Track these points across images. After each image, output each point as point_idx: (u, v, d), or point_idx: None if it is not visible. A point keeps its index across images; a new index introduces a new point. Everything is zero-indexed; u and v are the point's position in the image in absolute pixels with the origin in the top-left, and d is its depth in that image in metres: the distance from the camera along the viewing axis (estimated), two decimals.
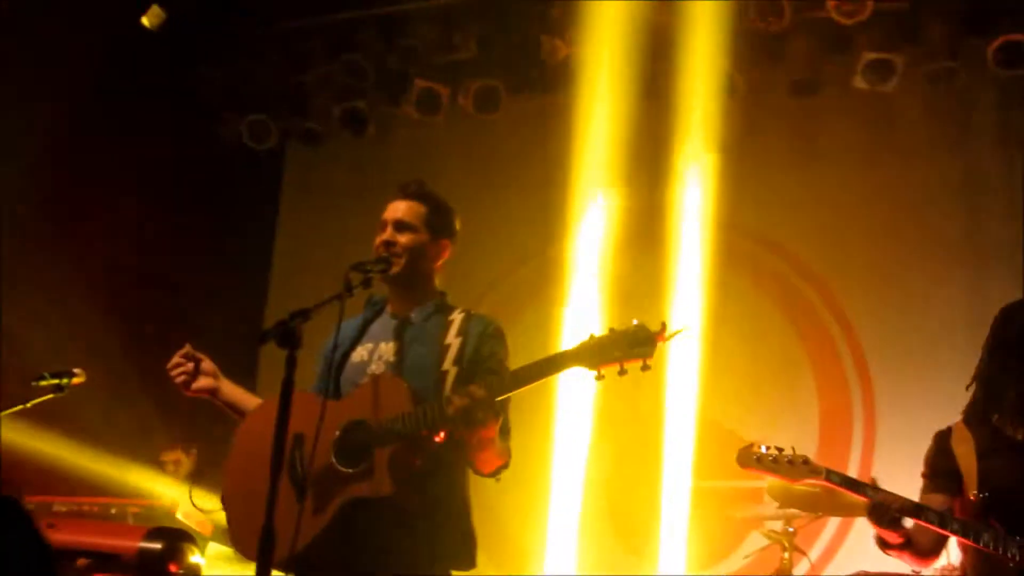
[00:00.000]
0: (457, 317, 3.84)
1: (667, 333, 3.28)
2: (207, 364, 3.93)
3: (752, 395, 7.66)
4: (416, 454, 3.49)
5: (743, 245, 8.20)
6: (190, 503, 6.71)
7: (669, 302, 7.88)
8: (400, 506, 3.46)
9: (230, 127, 8.89)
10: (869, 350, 7.73)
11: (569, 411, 7.85)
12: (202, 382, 3.90)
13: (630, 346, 3.25)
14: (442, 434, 3.46)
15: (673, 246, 8.08)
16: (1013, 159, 7.72)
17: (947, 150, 7.90)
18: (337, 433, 3.53)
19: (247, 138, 8.87)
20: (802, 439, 4.20)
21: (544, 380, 3.46)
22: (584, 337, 3.37)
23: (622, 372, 3.28)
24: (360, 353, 3.86)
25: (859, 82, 7.73)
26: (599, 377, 3.32)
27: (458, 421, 3.39)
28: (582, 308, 7.92)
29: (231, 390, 3.95)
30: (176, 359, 3.91)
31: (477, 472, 3.71)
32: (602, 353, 3.29)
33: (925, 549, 4.05)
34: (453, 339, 3.77)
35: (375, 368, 3.77)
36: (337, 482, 3.49)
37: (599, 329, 3.37)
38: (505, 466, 3.69)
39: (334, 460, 3.51)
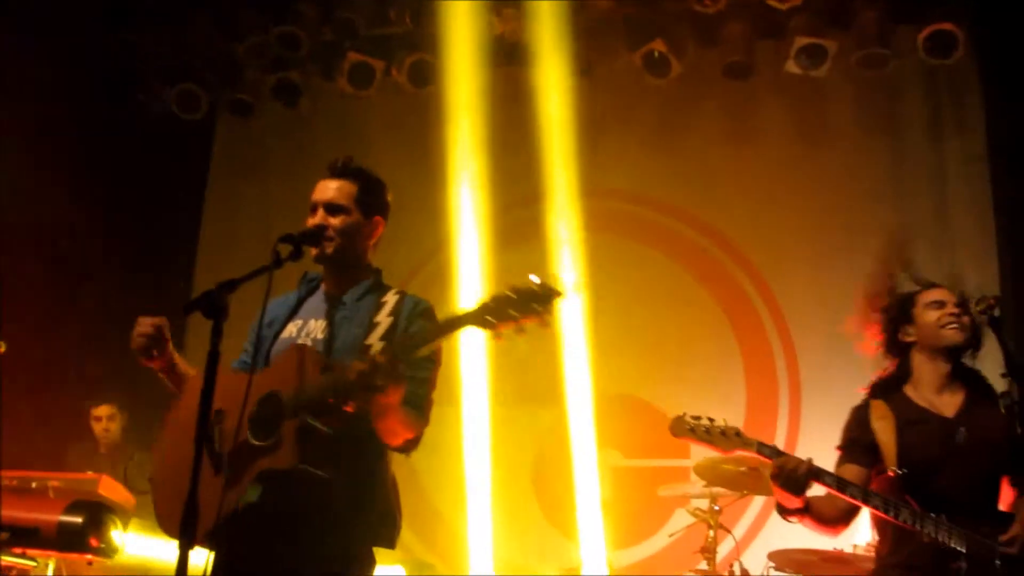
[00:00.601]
0: (391, 298, 3.79)
1: (565, 289, 3.17)
2: (169, 350, 3.76)
3: (680, 376, 7.75)
4: (325, 424, 3.42)
5: (673, 225, 8.29)
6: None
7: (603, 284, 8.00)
8: (313, 479, 3.40)
9: (159, 96, 8.74)
10: (795, 330, 7.82)
11: (479, 388, 7.89)
12: (155, 363, 3.74)
13: (527, 303, 3.12)
14: (351, 404, 3.40)
15: (609, 225, 8.24)
16: (939, 144, 7.86)
17: (876, 135, 8.01)
18: (255, 406, 3.49)
19: (176, 107, 8.72)
20: (729, 419, 4.10)
21: (446, 339, 3.40)
22: (482, 297, 3.26)
23: (520, 331, 3.16)
24: (290, 329, 3.81)
25: (792, 66, 7.82)
26: (497, 336, 3.20)
27: (358, 386, 3.32)
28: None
29: (183, 374, 3.83)
30: (147, 324, 3.69)
31: (386, 445, 3.66)
32: (499, 311, 3.17)
33: (828, 517, 4.11)
34: (384, 318, 3.73)
35: (301, 344, 3.71)
36: (250, 456, 3.47)
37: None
38: (415, 440, 3.63)
39: (249, 434, 3.48)
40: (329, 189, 3.85)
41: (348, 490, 3.52)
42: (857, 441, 4.19)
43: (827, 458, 4.23)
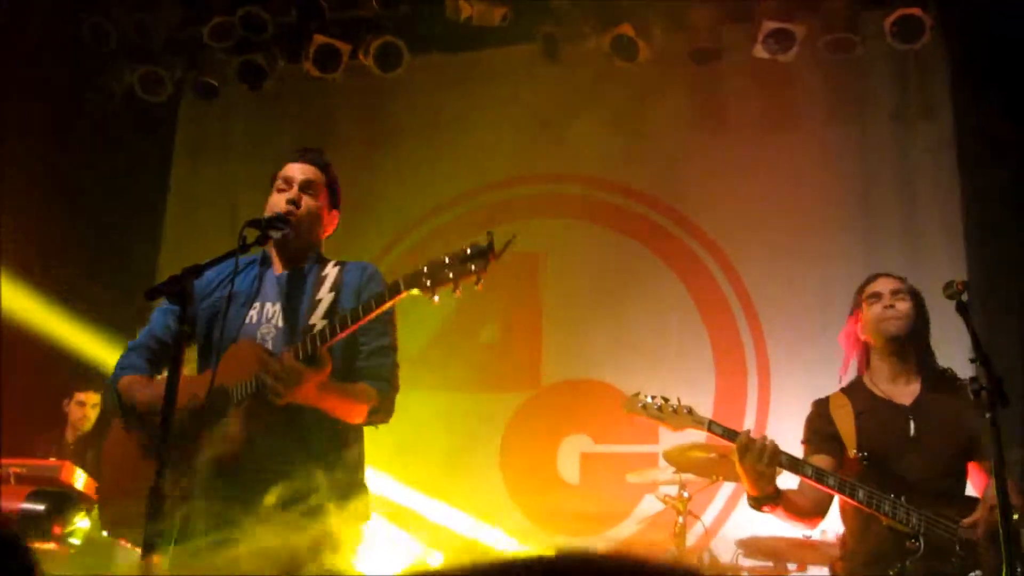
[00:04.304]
0: (331, 272, 3.88)
1: (498, 248, 3.25)
2: None
3: (650, 362, 7.67)
4: (269, 408, 3.50)
5: (642, 211, 8.22)
6: None
7: (570, 269, 8.05)
8: (265, 461, 3.52)
9: (122, 78, 8.56)
10: (764, 318, 7.74)
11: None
12: None
13: (462, 264, 3.23)
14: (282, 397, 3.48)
15: (576, 209, 8.22)
16: (907, 130, 7.80)
17: (844, 120, 7.94)
18: (201, 404, 3.56)
19: (139, 90, 8.55)
20: (698, 405, 4.26)
21: (382, 312, 3.50)
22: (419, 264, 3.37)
23: (454, 290, 3.27)
24: (251, 315, 3.86)
25: (760, 51, 7.75)
26: (432, 298, 3.30)
27: (277, 386, 3.43)
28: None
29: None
30: None
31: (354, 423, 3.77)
32: (435, 275, 3.27)
33: (802, 508, 4.21)
34: (326, 294, 3.80)
35: (265, 331, 3.79)
36: (198, 448, 3.54)
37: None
38: (376, 411, 3.73)
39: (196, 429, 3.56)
40: (305, 171, 3.95)
41: (312, 468, 3.56)
42: (820, 432, 4.35)
43: (797, 446, 4.34)
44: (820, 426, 4.37)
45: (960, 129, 7.57)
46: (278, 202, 3.87)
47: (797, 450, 4.26)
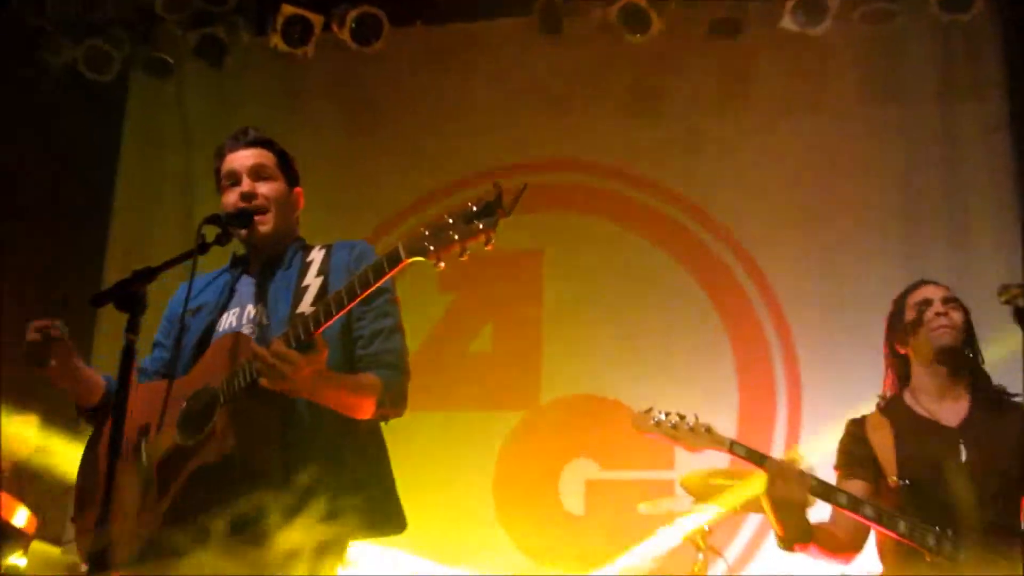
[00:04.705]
0: (318, 255, 3.70)
1: (508, 202, 2.97)
2: (68, 357, 3.54)
3: (664, 375, 7.27)
4: (264, 404, 3.29)
5: (653, 204, 7.83)
6: None
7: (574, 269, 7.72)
8: (254, 464, 3.27)
9: (63, 53, 8.08)
10: (794, 323, 7.31)
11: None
12: (51, 372, 3.53)
13: (468, 222, 2.96)
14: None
15: (579, 202, 7.87)
16: (953, 111, 7.45)
17: (882, 101, 7.55)
18: (184, 404, 3.38)
19: (84, 67, 8.08)
20: (721, 423, 4.03)
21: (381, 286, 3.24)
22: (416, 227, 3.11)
23: (462, 253, 3.00)
24: (228, 319, 3.67)
25: (788, 23, 7.37)
26: (437, 263, 3.01)
27: (266, 375, 3.17)
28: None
29: (91, 385, 3.65)
30: (35, 329, 3.45)
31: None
32: (437, 237, 2.98)
33: (838, 541, 3.99)
34: (312, 279, 3.62)
35: (247, 331, 3.57)
36: (183, 458, 3.32)
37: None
38: (383, 403, 3.46)
39: (177, 436, 3.34)
40: (247, 156, 3.73)
41: (329, 474, 3.31)
42: (855, 456, 4.16)
43: (830, 474, 4.14)
44: (855, 449, 4.16)
45: (1015, 110, 7.20)
46: (232, 201, 3.68)
47: (831, 476, 4.09)
